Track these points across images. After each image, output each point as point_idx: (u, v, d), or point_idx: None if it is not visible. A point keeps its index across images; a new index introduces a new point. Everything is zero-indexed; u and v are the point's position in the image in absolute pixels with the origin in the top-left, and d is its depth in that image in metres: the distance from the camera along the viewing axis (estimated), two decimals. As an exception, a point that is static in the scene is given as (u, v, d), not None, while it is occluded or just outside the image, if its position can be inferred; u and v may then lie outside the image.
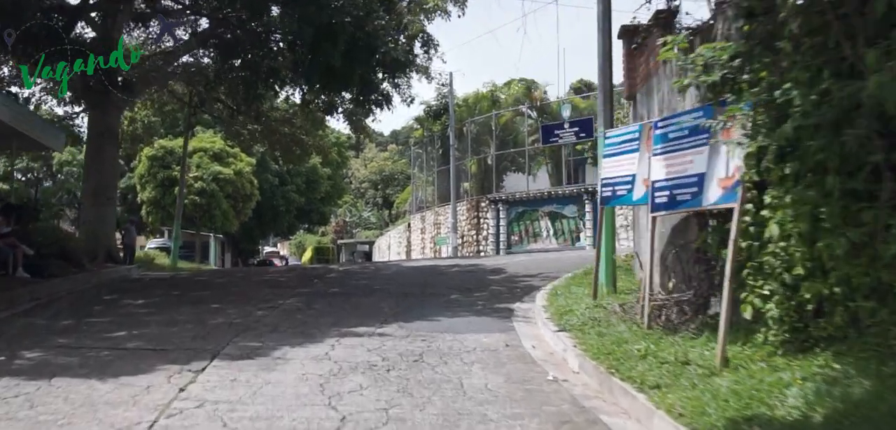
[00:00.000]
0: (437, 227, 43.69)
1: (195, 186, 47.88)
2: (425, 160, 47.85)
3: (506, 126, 41.55)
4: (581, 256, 20.59)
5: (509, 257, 22.55)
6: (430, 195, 47.02)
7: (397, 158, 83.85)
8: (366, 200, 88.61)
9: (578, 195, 35.38)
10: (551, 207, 36.41)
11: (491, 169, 40.39)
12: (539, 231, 36.76)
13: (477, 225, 39.39)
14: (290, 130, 36.70)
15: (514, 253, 37.04)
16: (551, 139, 37.06)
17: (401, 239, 51.76)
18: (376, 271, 19.10)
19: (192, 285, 17.13)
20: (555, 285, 13.66)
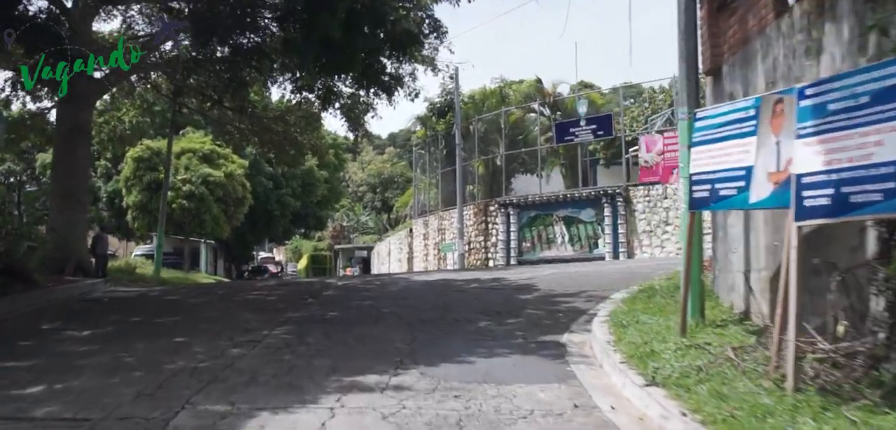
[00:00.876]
0: (442, 232, 40.87)
1: (183, 189, 45.02)
2: (428, 161, 45.02)
3: (515, 124, 38.77)
4: (618, 268, 17.77)
5: (534, 270, 19.67)
6: (433, 199, 44.19)
7: (396, 161, 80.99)
8: (364, 204, 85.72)
9: (596, 198, 32.59)
10: (566, 212, 33.64)
11: (500, 170, 37.60)
12: (553, 237, 33.97)
13: (485, 231, 36.58)
14: (284, 129, 33.91)
15: (527, 261, 34.27)
16: (566, 138, 34.31)
17: (402, 245, 48.91)
18: (382, 288, 16.24)
19: (160, 308, 14.30)
20: (612, 310, 10.78)
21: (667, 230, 30.65)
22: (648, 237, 31.16)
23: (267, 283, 19.11)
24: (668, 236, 30.62)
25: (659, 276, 14.18)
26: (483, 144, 39.06)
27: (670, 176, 30.98)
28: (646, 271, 16.00)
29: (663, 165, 31.22)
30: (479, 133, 38.71)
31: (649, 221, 31.15)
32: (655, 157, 31.51)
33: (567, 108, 36.94)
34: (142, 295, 16.99)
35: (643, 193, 31.41)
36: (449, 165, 40.96)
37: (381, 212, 79.37)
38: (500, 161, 37.72)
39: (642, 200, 31.41)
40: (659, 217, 30.88)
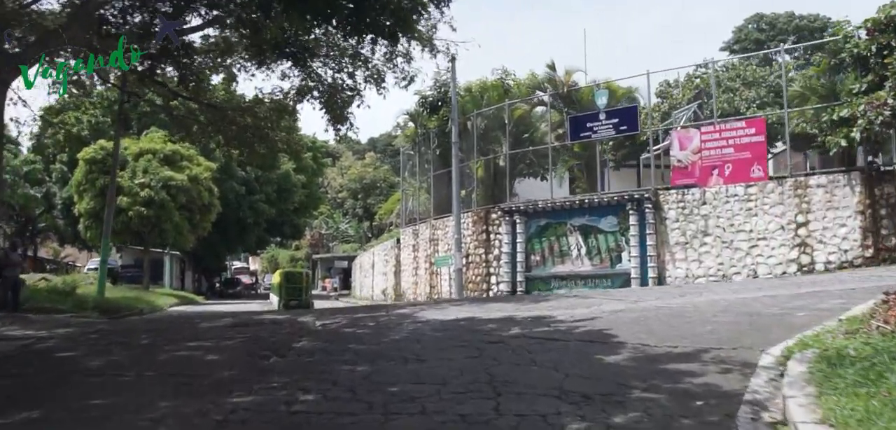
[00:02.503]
0: (434, 243, 35.82)
1: (141, 194, 39.71)
2: (418, 163, 39.90)
3: (520, 120, 33.77)
4: (706, 303, 12.51)
5: (587, 304, 14.17)
6: (423, 205, 39.10)
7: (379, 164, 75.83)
8: (344, 210, 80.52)
9: (620, 204, 27.69)
10: (583, 220, 28.71)
11: (503, 172, 32.59)
12: (567, 250, 29.03)
13: (486, 242, 31.59)
14: (253, 123, 28.83)
15: (537, 278, 29.31)
16: (583, 134, 29.39)
17: (388, 257, 43.75)
18: (380, 334, 11.01)
19: (25, 382, 9.12)
20: (797, 399, 5.81)
21: (705, 243, 25.79)
22: (683, 250, 26.30)
23: (216, 324, 13.80)
24: (706, 249, 25.77)
25: (802, 317, 9.28)
26: (483, 143, 34.05)
27: (709, 177, 26.17)
28: (758, 307, 11.07)
29: (701, 165, 26.38)
30: (479, 130, 33.71)
31: (684, 231, 26.29)
32: (691, 155, 26.66)
33: (583, 100, 32.04)
34: (23, 348, 11.65)
35: (676, 198, 26.56)
36: (443, 167, 35.94)
37: (362, 219, 74.19)
38: (503, 161, 32.73)
39: (675, 207, 26.55)
40: (696, 226, 26.02)
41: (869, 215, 23.41)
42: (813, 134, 25.81)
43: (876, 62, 23.22)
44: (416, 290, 37.78)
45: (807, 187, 24.39)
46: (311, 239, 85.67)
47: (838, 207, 23.85)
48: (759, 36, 70.25)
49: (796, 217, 24.40)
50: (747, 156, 25.56)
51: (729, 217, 25.48)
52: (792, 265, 24.30)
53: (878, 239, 23.26)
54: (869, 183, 23.51)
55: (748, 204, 25.19)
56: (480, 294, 31.39)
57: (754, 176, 25.35)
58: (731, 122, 27.44)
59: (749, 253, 25.04)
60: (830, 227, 23.90)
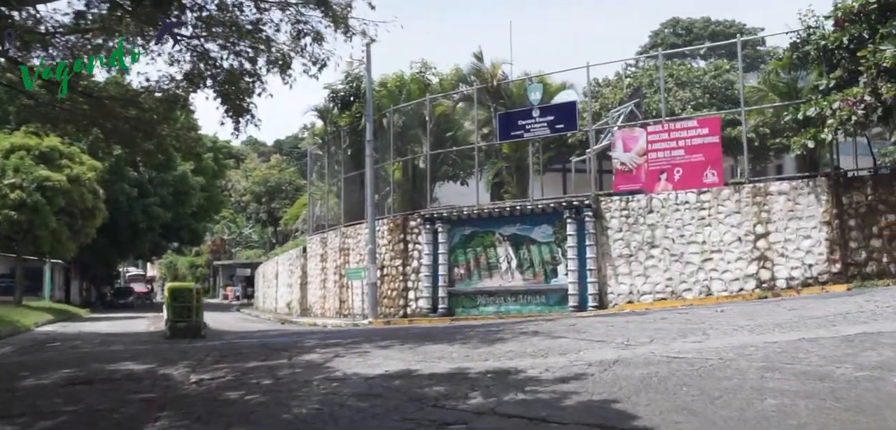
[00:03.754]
0: (345, 253, 32.06)
1: (11, 196, 34.69)
2: (327, 164, 36.02)
3: (443, 117, 30.30)
4: (776, 347, 8.98)
5: (573, 345, 10.50)
6: (334, 210, 35.27)
7: (285, 166, 71.33)
8: (247, 215, 75.64)
9: (556, 212, 24.54)
10: (514, 229, 25.46)
11: (423, 175, 29.07)
12: (496, 262, 25.74)
13: (404, 252, 28.04)
14: (138, 115, 24.50)
15: (461, 293, 25.94)
16: (513, 133, 26.13)
17: (293, 267, 39.65)
18: (275, 407, 7.06)
19: None
20: None
21: (652, 255, 22.85)
22: (627, 264, 23.29)
23: (46, 380, 9.76)
24: (653, 263, 22.83)
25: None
26: (400, 143, 30.46)
27: (657, 182, 23.25)
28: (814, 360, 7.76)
29: (647, 169, 23.44)
30: (396, 128, 30.12)
31: (628, 242, 23.30)
32: (636, 157, 23.70)
33: (513, 96, 28.73)
34: None
35: (620, 206, 23.55)
36: (355, 169, 32.24)
37: (266, 225, 69.49)
38: (423, 163, 29.20)
39: (618, 215, 23.54)
40: (641, 237, 23.06)
41: (836, 226, 20.80)
42: (771, 134, 23.19)
43: (844, 56, 20.66)
44: (325, 305, 33.93)
45: (767, 195, 21.67)
46: (212, 245, 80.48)
47: (802, 216, 21.19)
48: (675, 40, 68.76)
49: (755, 227, 21.65)
50: (700, 159, 22.72)
51: (679, 227, 22.59)
52: (750, 281, 21.52)
53: (847, 253, 20.67)
54: (836, 190, 20.92)
55: (701, 212, 22.35)
56: (397, 312, 27.86)
57: (708, 181, 22.51)
58: (682, 121, 24.59)
59: (701, 268, 22.20)
60: (793, 239, 21.22)
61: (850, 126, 19.40)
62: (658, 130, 23.63)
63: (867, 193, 20.62)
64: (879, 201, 20.48)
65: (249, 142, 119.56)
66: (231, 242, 79.90)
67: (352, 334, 16.92)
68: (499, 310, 25.31)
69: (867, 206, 20.57)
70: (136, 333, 24.99)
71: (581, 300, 23.67)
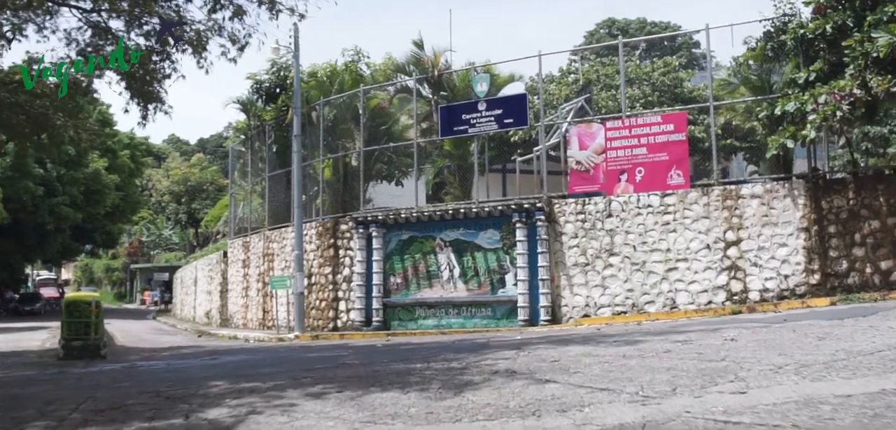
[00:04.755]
0: (269, 259, 29.04)
1: None
2: (250, 162, 32.87)
3: (378, 111, 27.48)
4: (852, 401, 6.51)
5: (575, 396, 7.75)
6: (257, 212, 32.17)
7: (207, 165, 67.41)
8: (167, 215, 71.42)
9: (504, 215, 22.04)
10: (457, 234, 22.89)
11: (356, 174, 26.24)
12: (436, 271, 23.12)
13: (334, 259, 25.22)
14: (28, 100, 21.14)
15: (397, 305, 23.31)
16: (457, 128, 23.52)
17: (213, 273, 36.30)
18: None
19: None
20: None
21: (611, 264, 20.51)
22: (582, 274, 20.90)
23: None
24: (612, 272, 20.49)
25: None
26: (331, 138, 27.54)
27: (617, 183, 20.92)
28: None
29: (606, 168, 21.10)
30: (326, 122, 27.21)
31: (584, 249, 20.92)
32: (593, 156, 21.33)
33: (457, 89, 26.02)
34: None
35: (575, 209, 21.16)
36: (281, 167, 29.22)
37: (186, 226, 65.47)
38: (356, 161, 26.37)
39: (574, 219, 21.14)
40: (599, 244, 20.70)
41: (815, 232, 18.72)
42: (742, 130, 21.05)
43: (822, 47, 18.63)
44: (247, 315, 30.81)
45: (738, 198, 19.48)
46: (130, 248, 75.91)
47: (777, 222, 19.05)
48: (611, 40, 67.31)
49: (725, 234, 19.46)
50: (664, 158, 20.44)
51: (641, 233, 20.28)
52: (720, 294, 19.32)
53: (826, 262, 18.60)
54: (814, 194, 18.84)
55: (665, 217, 20.08)
56: (326, 324, 25.02)
57: (673, 183, 20.25)
58: (646, 115, 22.27)
59: (666, 278, 19.92)
60: (767, 246, 19.07)
61: (836, 122, 17.34)
62: (618, 126, 21.30)
63: (849, 197, 18.59)
64: (862, 206, 18.46)
65: (172, 140, 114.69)
66: (150, 244, 75.42)
67: (274, 363, 14.05)
68: (440, 323, 22.71)
69: (849, 211, 18.54)
70: (24, 351, 21.58)
71: (532, 313, 21.23)
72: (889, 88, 16.23)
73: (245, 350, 20.06)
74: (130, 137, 59.62)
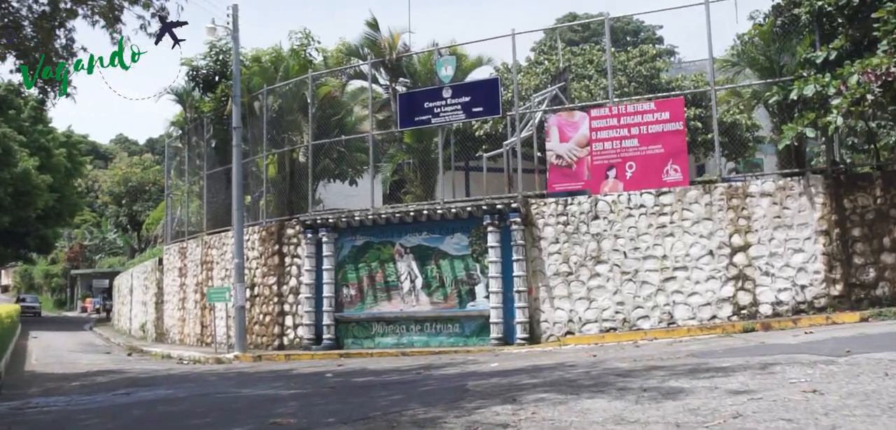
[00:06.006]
0: (208, 268, 25.65)
1: None
2: (187, 159, 29.39)
3: (330, 100, 24.17)
4: None
5: None
6: (196, 214, 28.73)
7: (150, 164, 63.32)
8: (107, 217, 67.12)
9: (473, 217, 19.01)
10: (419, 239, 19.81)
11: (304, 171, 22.98)
12: (395, 281, 20.02)
13: (280, 267, 21.96)
14: None
15: (351, 320, 20.26)
16: (418, 119, 20.40)
17: (148, 282, 32.64)
18: None
19: None
20: None
21: (598, 273, 17.59)
22: (565, 284, 17.94)
23: None
24: (599, 282, 17.57)
25: None
26: (276, 132, 24.23)
27: (604, 180, 18.00)
28: None
29: (591, 163, 18.16)
30: (271, 113, 23.90)
31: (566, 256, 17.96)
32: (576, 148, 18.38)
33: (418, 74, 22.89)
34: None
35: (556, 210, 18.20)
36: (221, 164, 25.83)
37: (128, 230, 61.28)
38: (304, 157, 23.12)
39: (554, 222, 18.18)
40: (584, 250, 17.77)
41: (836, 235, 15.97)
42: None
43: (843, 21, 15.93)
44: (184, 329, 27.34)
45: (746, 196, 16.66)
46: (70, 252, 71.42)
47: (792, 224, 16.26)
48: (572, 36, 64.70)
49: (731, 238, 16.63)
50: (658, 150, 17.53)
51: (633, 237, 17.37)
52: (725, 307, 16.50)
53: (850, 271, 15.85)
54: (835, 191, 16.09)
55: (661, 218, 17.18)
56: (271, 342, 21.80)
57: (669, 179, 17.36)
58: (637, 102, 19.35)
59: (662, 289, 17.03)
60: (781, 252, 16.27)
61: (867, 107, 14.59)
62: (604, 115, 18.34)
63: (875, 195, 15.86)
64: (891, 205, 15.75)
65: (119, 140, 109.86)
66: (93, 248, 71.00)
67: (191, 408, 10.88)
68: (400, 342, 19.63)
69: (875, 211, 15.82)
70: None
71: (506, 331, 18.23)
72: (934, 64, 13.53)
73: (170, 379, 16.75)
74: (68, 135, 55.48)
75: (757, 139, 26.34)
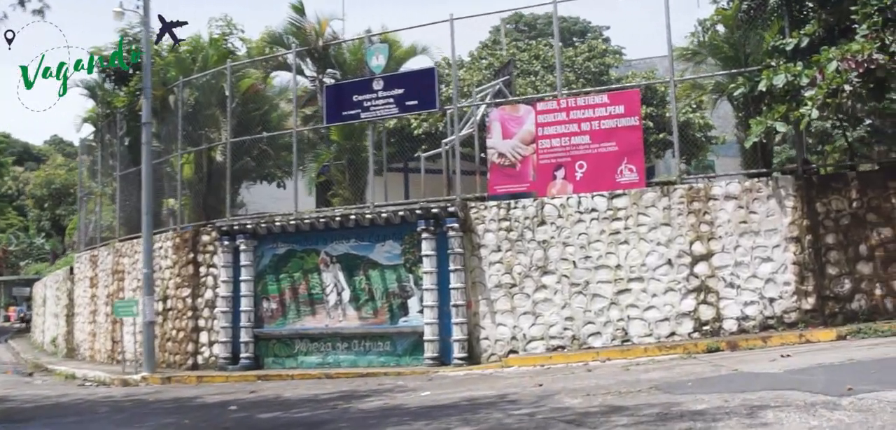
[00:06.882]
0: (120, 277, 23.12)
1: None
2: (100, 159, 26.78)
3: (252, 95, 21.79)
4: None
5: None
6: (109, 220, 26.14)
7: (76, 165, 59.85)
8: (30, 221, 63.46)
9: (406, 223, 16.90)
10: (347, 247, 17.63)
11: (223, 172, 20.60)
12: (321, 293, 17.81)
13: (195, 278, 19.60)
14: None
15: (272, 337, 18.05)
16: (347, 113, 18.21)
17: (60, 293, 29.78)
18: None
19: None
20: None
21: (544, 285, 15.61)
22: (508, 298, 15.93)
23: None
24: (546, 295, 15.60)
25: None
26: (193, 128, 21.81)
27: (551, 182, 16.03)
28: None
29: (537, 163, 16.18)
30: (187, 108, 21.47)
31: (510, 266, 15.95)
32: (521, 146, 16.38)
33: (348, 64, 20.63)
34: None
35: (498, 214, 16.19)
36: (135, 164, 23.24)
37: (50, 235, 57.76)
38: (223, 156, 20.78)
39: (496, 228, 16.16)
40: (529, 259, 15.78)
41: (808, 243, 14.21)
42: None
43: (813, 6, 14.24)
44: (95, 344, 24.70)
45: (709, 199, 14.82)
46: (-7, 257, 67.36)
47: (759, 230, 14.46)
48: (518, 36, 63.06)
49: (692, 246, 14.77)
50: (613, 148, 15.60)
51: (583, 245, 15.43)
52: (685, 323, 14.64)
53: (823, 282, 14.10)
54: (807, 193, 14.33)
55: (614, 224, 15.26)
56: (185, 360, 19.46)
57: (624, 180, 15.44)
58: (588, 95, 17.43)
59: (615, 302, 15.12)
60: (747, 261, 14.46)
61: (845, 98, 12.82)
62: (552, 108, 16.37)
63: (851, 198, 14.14)
64: (868, 209, 14.03)
65: (54, 141, 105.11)
66: (19, 253, 67.06)
67: None
68: (325, 361, 17.45)
69: (851, 215, 14.09)
70: None
71: (443, 349, 16.15)
72: (924, 50, 11.81)
73: (55, 411, 14.36)
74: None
75: (710, 139, 24.77)
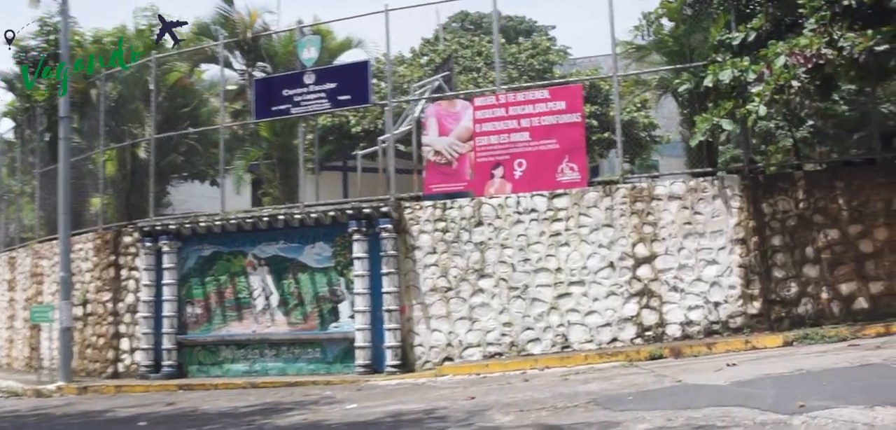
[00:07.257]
0: (38, 280, 21.74)
1: None
2: (20, 156, 25.30)
3: (178, 88, 20.64)
4: None
5: None
6: (30, 219, 24.68)
7: (6, 163, 57.54)
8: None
9: (337, 223, 15.96)
10: (275, 249, 16.62)
11: (148, 169, 19.40)
12: (248, 298, 16.78)
13: (116, 282, 18.39)
14: None
15: (197, 343, 16.97)
16: (277, 108, 17.18)
17: (-22, 297, 28.15)
18: None
19: None
20: None
21: (481, 289, 14.80)
22: (443, 302, 15.08)
23: None
24: (483, 299, 14.79)
25: None
26: (115, 122, 20.56)
27: (489, 181, 15.21)
28: None
29: (474, 161, 15.36)
30: (109, 102, 20.23)
31: (445, 269, 15.10)
32: (457, 144, 15.54)
33: (279, 57, 19.59)
34: None
35: (433, 215, 15.33)
36: (55, 160, 21.87)
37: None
38: (147, 153, 19.58)
39: (431, 229, 15.31)
40: (466, 262, 14.95)
41: (754, 244, 13.61)
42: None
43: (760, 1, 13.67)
44: (12, 352, 23.23)
45: (652, 199, 14.15)
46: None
47: (704, 232, 13.83)
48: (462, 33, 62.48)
49: (635, 248, 14.08)
50: (553, 146, 14.85)
51: (522, 247, 14.64)
52: (628, 328, 13.94)
53: (770, 286, 13.51)
54: (753, 194, 13.74)
55: (555, 225, 14.50)
56: (105, 368, 18.25)
57: (565, 179, 14.70)
58: (528, 90, 16.65)
59: (555, 307, 14.36)
60: (691, 264, 13.82)
61: (793, 93, 12.22)
62: (490, 104, 15.57)
63: (797, 199, 13.57)
64: (815, 210, 13.48)
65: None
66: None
67: None
68: (252, 369, 16.43)
69: (798, 217, 13.53)
70: None
71: (375, 356, 15.25)
72: (873, 45, 11.24)
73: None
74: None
75: (654, 139, 24.30)
